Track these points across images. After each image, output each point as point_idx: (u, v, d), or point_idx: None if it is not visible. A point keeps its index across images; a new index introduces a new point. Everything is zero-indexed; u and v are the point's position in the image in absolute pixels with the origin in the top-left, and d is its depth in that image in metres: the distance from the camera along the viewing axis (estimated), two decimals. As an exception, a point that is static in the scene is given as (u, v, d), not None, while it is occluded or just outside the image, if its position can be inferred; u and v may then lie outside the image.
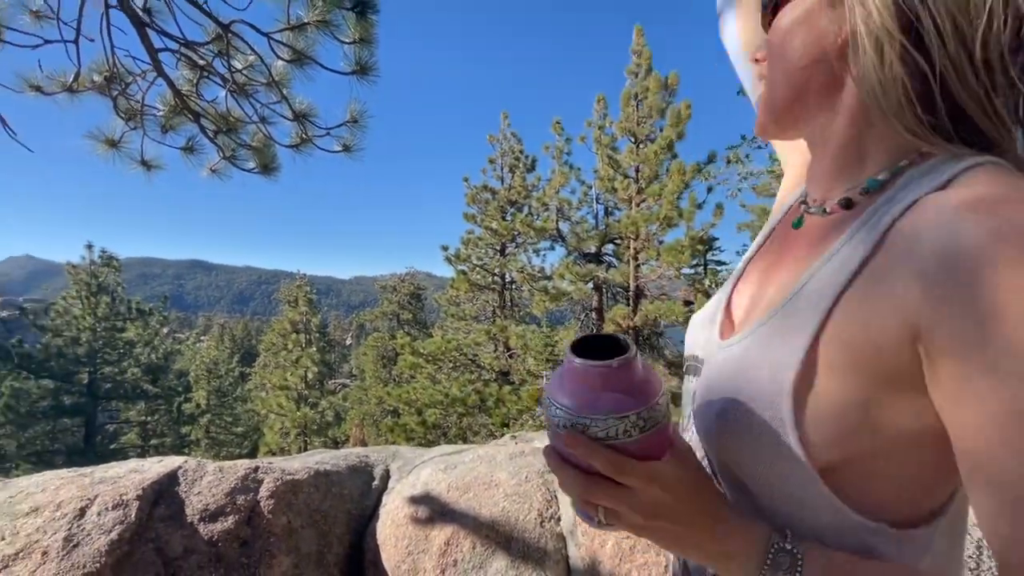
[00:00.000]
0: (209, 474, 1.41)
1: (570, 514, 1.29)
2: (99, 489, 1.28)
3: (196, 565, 1.22)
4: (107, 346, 13.09)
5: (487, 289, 12.51)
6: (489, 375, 12.32)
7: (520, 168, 11.99)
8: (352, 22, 3.24)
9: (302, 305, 13.08)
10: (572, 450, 0.40)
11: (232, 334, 31.18)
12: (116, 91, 3.38)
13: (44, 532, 1.18)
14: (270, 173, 3.93)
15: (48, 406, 12.52)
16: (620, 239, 11.21)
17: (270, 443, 12.73)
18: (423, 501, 1.39)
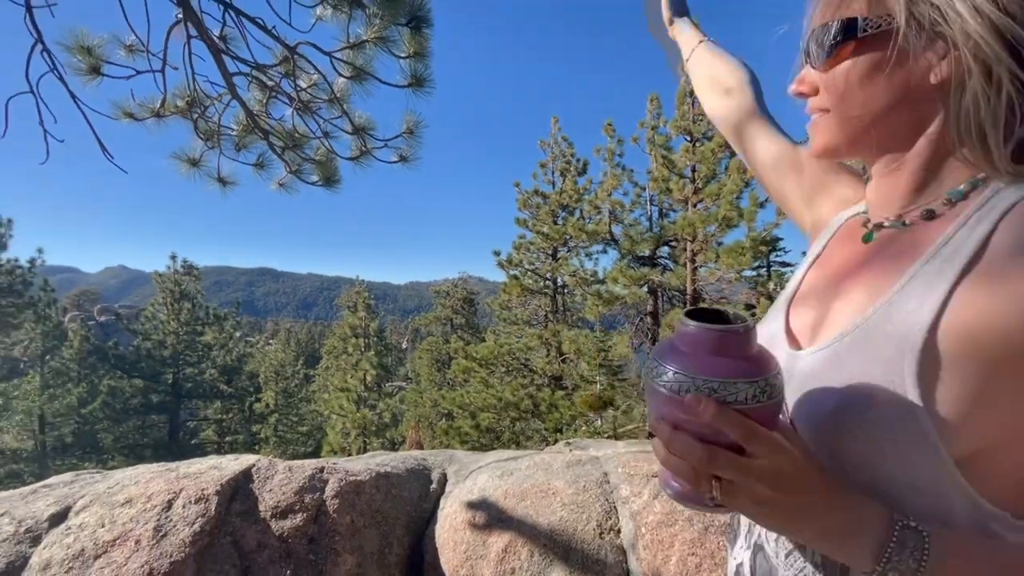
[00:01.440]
0: (280, 473, 1.48)
1: (631, 527, 1.25)
2: (183, 484, 1.38)
3: (268, 559, 1.29)
4: (188, 349, 14.19)
5: (539, 293, 12.50)
6: (542, 380, 12.28)
7: (571, 172, 11.92)
8: (407, 37, 3.34)
9: (361, 310, 13.62)
10: (694, 416, 0.38)
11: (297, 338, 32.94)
12: (196, 114, 3.65)
13: (137, 522, 1.29)
14: (332, 185, 4.13)
15: (138, 403, 13.73)
16: (676, 241, 10.87)
17: (332, 442, 13.30)
18: (480, 507, 1.39)
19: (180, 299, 14.03)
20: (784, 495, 0.39)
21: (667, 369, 0.40)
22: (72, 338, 13.43)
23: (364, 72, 3.41)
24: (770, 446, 0.39)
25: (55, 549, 1.25)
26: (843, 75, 0.50)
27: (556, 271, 12.31)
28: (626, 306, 11.12)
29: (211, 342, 14.31)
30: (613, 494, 1.33)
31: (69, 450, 12.85)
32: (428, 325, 19.49)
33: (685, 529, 1.16)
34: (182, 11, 2.98)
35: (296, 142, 3.86)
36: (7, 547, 1.27)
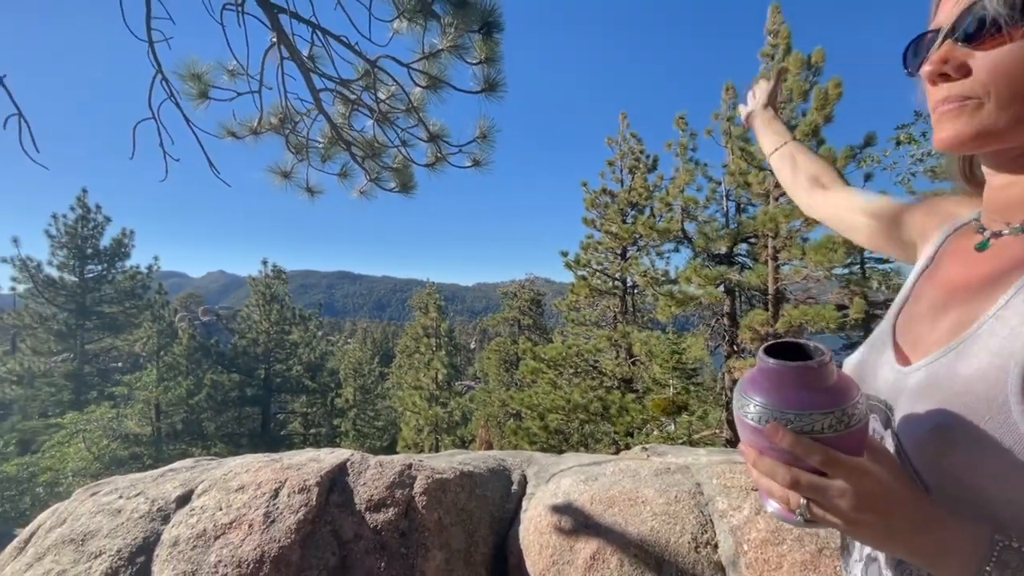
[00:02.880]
0: (372, 467, 1.55)
1: (730, 542, 1.18)
2: (288, 474, 1.49)
3: (364, 550, 1.35)
4: (277, 347, 15.35)
5: (608, 294, 12.27)
6: (611, 382, 12.04)
7: (641, 169, 11.59)
8: (479, 43, 3.39)
9: (432, 311, 14.06)
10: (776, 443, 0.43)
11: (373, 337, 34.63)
12: (287, 130, 3.93)
13: (249, 507, 1.40)
14: (408, 191, 4.28)
15: (236, 396, 15.04)
16: (755, 238, 10.25)
17: (406, 438, 13.83)
18: (566, 511, 1.38)
19: (270, 301, 15.21)
20: (870, 515, 0.42)
21: (750, 401, 0.45)
22: (181, 336, 14.96)
23: (439, 80, 3.51)
24: (849, 469, 0.42)
25: (182, 528, 1.39)
26: (1006, 62, 0.46)
27: (625, 271, 12.02)
28: (701, 307, 10.63)
29: (297, 341, 15.39)
30: (708, 506, 1.26)
31: (180, 436, 14.33)
32: (496, 326, 19.76)
33: (795, 549, 1.08)
34: (276, 35, 3.21)
35: (375, 151, 4.05)
36: (143, 523, 1.43)
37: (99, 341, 15.79)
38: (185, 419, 14.44)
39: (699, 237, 10.19)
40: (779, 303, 9.60)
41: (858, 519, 0.42)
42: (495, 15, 3.36)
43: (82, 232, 15.02)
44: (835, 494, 0.42)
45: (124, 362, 16.92)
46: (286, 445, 15.37)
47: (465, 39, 3.42)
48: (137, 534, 1.40)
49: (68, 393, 14.75)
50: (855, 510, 0.41)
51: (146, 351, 15.34)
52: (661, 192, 11.46)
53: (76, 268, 15.11)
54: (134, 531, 1.41)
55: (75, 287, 15.09)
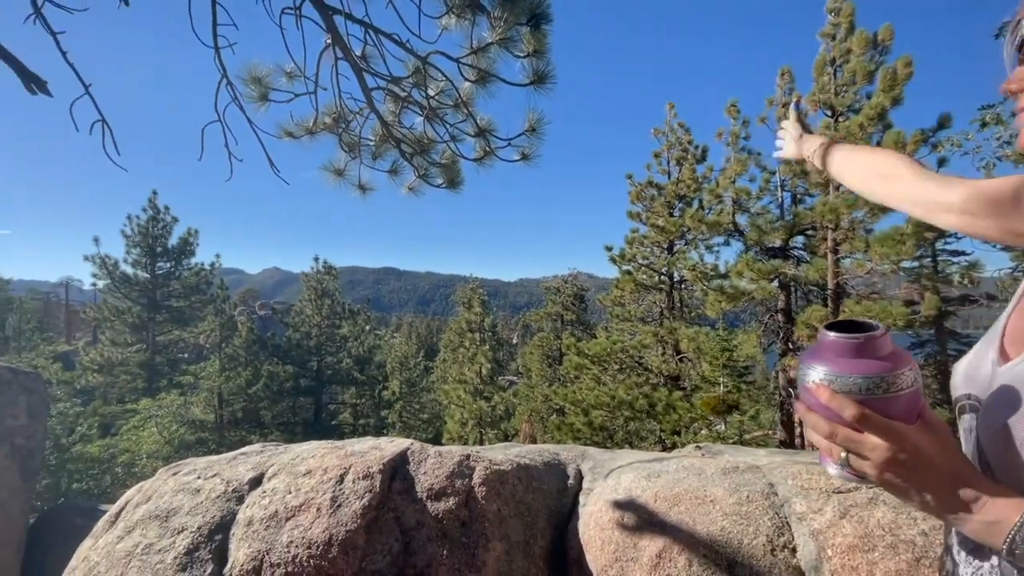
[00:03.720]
0: (431, 457, 1.57)
1: (812, 547, 1.11)
2: (352, 460, 1.53)
3: (426, 538, 1.37)
4: (328, 340, 15.95)
5: (654, 289, 11.99)
6: (657, 379, 11.78)
7: (689, 160, 11.23)
8: (527, 36, 3.36)
9: (476, 307, 14.20)
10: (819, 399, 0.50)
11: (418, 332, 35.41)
12: (341, 129, 4.04)
13: (316, 491, 1.45)
14: (455, 187, 4.32)
15: (290, 386, 15.74)
16: (813, 230, 9.74)
17: (451, 431, 14.06)
18: (628, 507, 1.35)
19: (322, 296, 15.80)
20: (899, 471, 0.47)
21: (807, 366, 0.54)
22: (241, 329, 15.79)
23: (488, 74, 3.50)
24: (879, 427, 0.47)
25: (255, 509, 1.46)
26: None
27: (672, 265, 11.70)
28: (753, 302, 10.21)
29: (347, 334, 15.93)
30: (784, 508, 1.19)
31: (240, 424, 15.15)
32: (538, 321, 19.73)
33: (888, 557, 1.00)
34: (330, 36, 3.29)
35: (424, 147, 4.10)
36: (220, 503, 1.52)
37: (168, 333, 16.91)
38: (245, 407, 15.25)
39: (752, 230, 9.77)
40: (839, 299, 9.08)
41: (887, 474, 0.47)
42: (543, 6, 3.32)
43: (153, 232, 16.10)
44: (867, 448, 0.47)
45: (190, 353, 18.04)
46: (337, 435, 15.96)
47: (513, 32, 3.40)
48: (215, 513, 1.48)
49: (142, 381, 15.90)
50: (884, 465, 0.47)
51: (209, 343, 16.31)
52: (711, 183, 11.06)
53: (148, 265, 16.23)
54: (212, 510, 1.49)
55: (147, 283, 16.21)
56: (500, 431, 13.94)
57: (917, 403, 0.50)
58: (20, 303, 17.98)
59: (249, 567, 1.32)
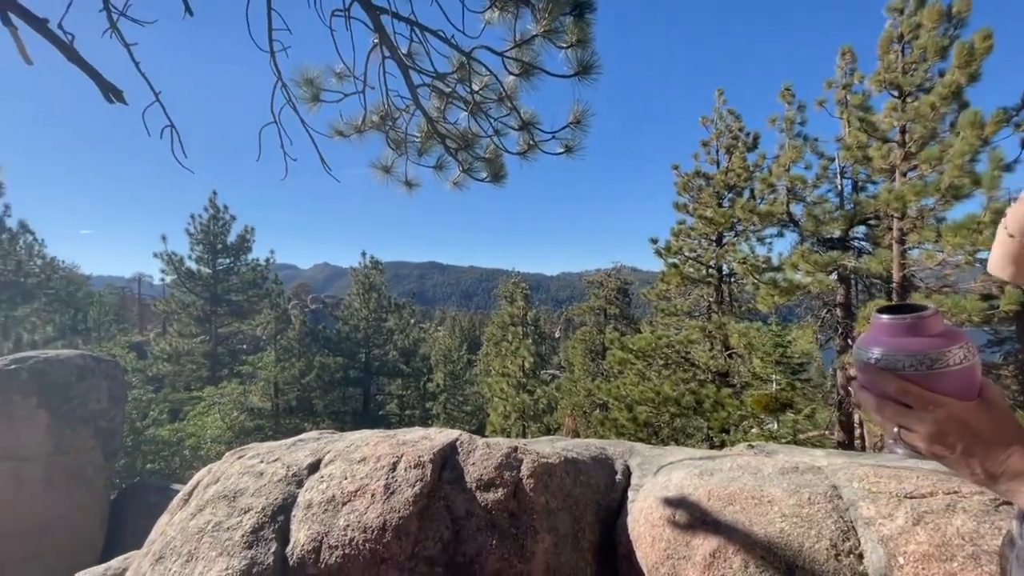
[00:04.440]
0: (480, 448, 1.60)
1: (881, 553, 1.05)
2: (403, 449, 1.58)
3: (475, 527, 1.40)
4: (376, 333, 16.43)
5: (701, 283, 11.63)
6: (704, 375, 11.45)
7: (739, 147, 10.78)
8: (570, 26, 3.31)
9: (519, 300, 14.24)
10: (865, 376, 0.53)
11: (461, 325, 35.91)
12: (388, 126, 4.12)
13: (371, 478, 1.51)
14: (499, 181, 4.33)
15: (340, 377, 16.35)
16: (876, 219, 9.15)
17: (494, 423, 14.21)
18: (680, 505, 1.32)
19: (369, 290, 16.28)
20: (949, 441, 0.48)
21: (858, 347, 0.56)
22: (294, 322, 16.51)
23: (531, 66, 3.48)
24: (923, 400, 0.49)
25: (314, 493, 1.53)
26: None
27: (721, 258, 11.30)
28: (809, 296, 9.71)
29: (393, 327, 16.36)
30: (850, 512, 1.13)
31: (294, 412, 15.89)
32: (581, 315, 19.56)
33: (968, 568, 0.93)
34: (378, 35, 3.36)
35: (468, 143, 4.13)
36: (281, 486, 1.60)
37: (228, 325, 17.92)
38: (298, 396, 15.97)
39: (807, 220, 9.29)
40: (906, 292, 8.50)
41: (935, 446, 0.49)
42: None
43: (213, 229, 17.06)
44: (914, 421, 0.49)
45: (248, 344, 19.05)
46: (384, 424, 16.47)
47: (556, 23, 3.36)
48: (277, 495, 1.56)
49: (205, 370, 16.94)
50: (932, 438, 0.48)
51: (265, 335, 17.16)
52: (763, 172, 10.58)
53: (209, 261, 17.23)
54: (274, 492, 1.58)
55: (209, 278, 17.22)
56: (542, 425, 13.96)
57: (973, 381, 0.51)
58: (99, 297, 19.51)
59: (309, 547, 1.39)
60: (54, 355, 5.00)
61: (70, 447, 4.84)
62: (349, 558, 1.34)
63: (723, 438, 9.59)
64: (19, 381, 4.65)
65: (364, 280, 16.21)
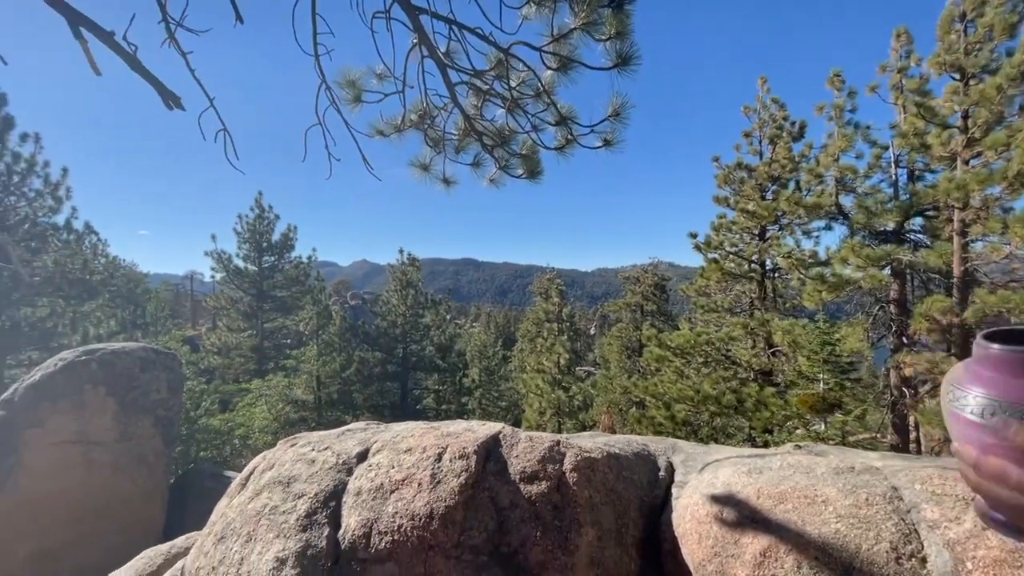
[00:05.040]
0: (522, 441, 1.62)
1: (947, 558, 1.00)
2: (448, 441, 1.61)
3: (520, 518, 1.42)
4: (413, 329, 16.75)
5: (743, 278, 11.29)
6: (746, 373, 11.12)
7: (784, 137, 10.38)
8: (608, 17, 3.27)
9: (554, 297, 14.21)
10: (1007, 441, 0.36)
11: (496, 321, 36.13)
12: (426, 125, 4.19)
13: (417, 468, 1.55)
14: (535, 177, 4.33)
15: (379, 372, 16.75)
16: (935, 210, 8.64)
17: (529, 420, 14.24)
18: (728, 503, 1.29)
19: (406, 287, 16.60)
20: None
21: (967, 393, 0.40)
22: (335, 318, 17.02)
23: (570, 60, 3.46)
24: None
25: (363, 480, 1.59)
26: None
27: (764, 252, 10.92)
28: (859, 292, 9.27)
29: (429, 323, 16.63)
30: (911, 514, 1.09)
31: (335, 405, 16.41)
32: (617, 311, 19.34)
33: (1047, 576, 0.88)
34: (417, 35, 3.42)
35: (505, 139, 4.15)
36: (332, 473, 1.67)
37: (273, 321, 18.66)
38: (339, 390, 16.47)
39: (858, 212, 8.86)
40: (967, 287, 7.99)
41: None
42: (626, -15, 3.22)
43: (259, 228, 17.77)
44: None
45: (292, 339, 19.77)
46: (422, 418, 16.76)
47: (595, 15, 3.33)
48: (328, 482, 1.63)
49: (253, 363, 17.71)
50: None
51: (308, 330, 17.77)
52: (809, 163, 10.15)
53: (255, 259, 17.97)
54: (326, 479, 1.65)
55: (255, 275, 17.97)
56: (578, 421, 13.91)
57: None
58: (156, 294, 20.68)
59: (360, 533, 1.45)
60: (120, 347, 5.35)
61: (134, 434, 5.18)
62: (398, 544, 1.39)
63: (766, 438, 9.30)
64: (90, 371, 5.01)
65: (401, 277, 16.53)
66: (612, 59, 3.37)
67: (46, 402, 4.84)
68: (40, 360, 9.85)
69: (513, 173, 4.43)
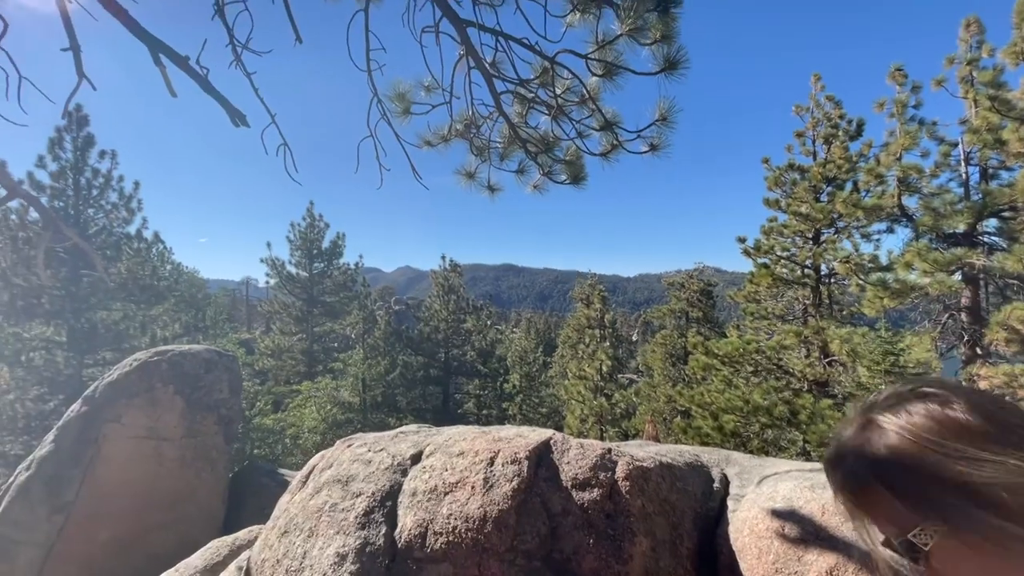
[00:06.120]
0: (573, 448, 1.62)
1: None
2: (499, 446, 1.64)
3: (572, 525, 1.42)
4: (454, 334, 16.98)
5: (796, 284, 10.80)
6: (800, 384, 10.61)
7: (840, 136, 9.90)
8: (654, 22, 3.24)
9: (596, 303, 14.07)
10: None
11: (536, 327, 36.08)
12: (472, 134, 4.27)
13: (470, 471, 1.59)
14: (579, 183, 4.33)
15: (422, 376, 17.08)
16: (1012, 210, 8.00)
17: (571, 426, 14.11)
18: (789, 518, 1.25)
19: (448, 292, 16.87)
20: None
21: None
22: (380, 323, 17.49)
23: (615, 66, 3.45)
24: None
25: (417, 482, 1.64)
26: None
27: (819, 257, 10.42)
28: (926, 298, 8.69)
29: (471, 329, 16.81)
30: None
31: (379, 407, 16.84)
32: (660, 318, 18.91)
33: None
34: (464, 47, 3.49)
35: (549, 146, 4.17)
36: (388, 474, 1.73)
37: (322, 325, 19.36)
38: (383, 393, 16.90)
39: (924, 213, 8.33)
40: (1051, 294, 7.35)
41: None
42: (673, -12, 3.18)
43: (310, 236, 18.53)
44: None
45: (340, 343, 20.44)
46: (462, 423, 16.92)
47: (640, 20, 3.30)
48: (384, 482, 1.69)
49: (303, 366, 18.42)
50: None
51: (354, 334, 18.34)
52: (868, 162, 9.63)
53: (306, 265, 18.74)
54: (382, 480, 1.70)
55: (306, 281, 18.73)
56: (620, 429, 13.66)
57: None
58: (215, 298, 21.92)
59: (416, 532, 1.49)
60: (187, 349, 5.72)
61: (199, 431, 5.52)
62: (453, 545, 1.42)
63: (821, 452, 8.83)
64: (160, 371, 5.38)
65: (444, 283, 16.82)
66: (659, 64, 3.34)
67: (123, 399, 5.23)
68: (113, 360, 10.66)
69: (557, 179, 4.44)
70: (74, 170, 10.92)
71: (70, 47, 2.21)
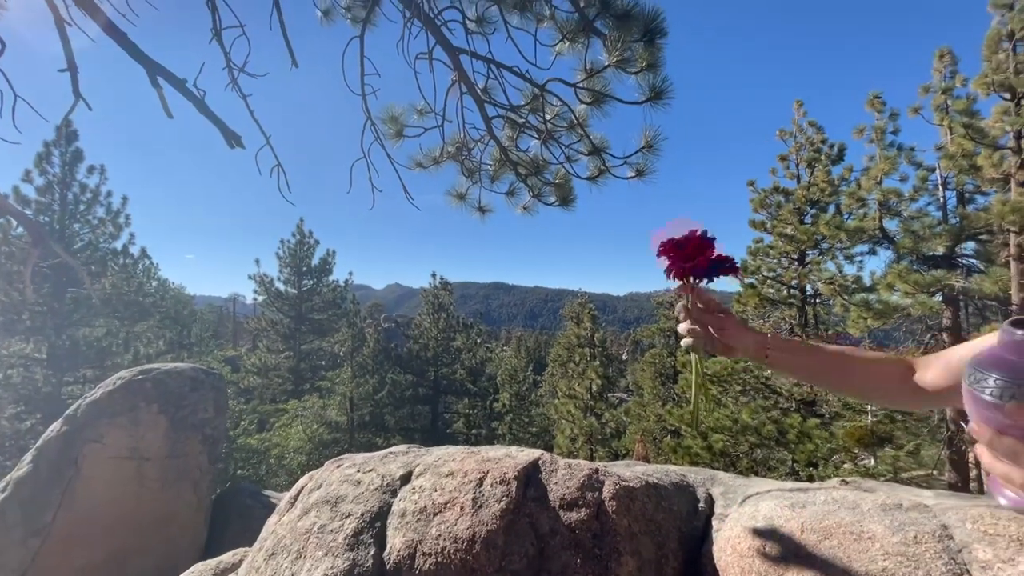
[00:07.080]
0: (561, 467, 1.65)
1: (1003, 601, 0.98)
2: (488, 466, 1.66)
3: (560, 545, 1.44)
4: (444, 352, 16.91)
5: (782, 304, 10.98)
6: (788, 403, 10.71)
7: (822, 160, 10.20)
8: (640, 52, 3.37)
9: (586, 322, 14.14)
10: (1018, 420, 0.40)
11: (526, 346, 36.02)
12: (463, 156, 4.35)
13: (459, 491, 1.60)
14: (568, 204, 4.42)
15: (410, 395, 16.91)
16: (989, 233, 8.27)
17: (561, 446, 14.03)
18: (769, 536, 1.29)
19: (438, 310, 16.84)
20: None
21: (989, 375, 0.43)
22: (368, 340, 17.37)
23: (603, 95, 3.57)
24: None
25: (407, 502, 1.65)
26: None
27: (804, 278, 10.62)
28: (908, 319, 8.87)
29: (460, 347, 16.76)
30: (962, 554, 1.06)
31: (367, 427, 16.61)
32: (650, 337, 19.01)
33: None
34: (457, 73, 3.60)
35: (539, 169, 4.27)
36: (377, 495, 1.74)
37: (310, 343, 19.17)
38: (371, 412, 16.68)
39: (905, 236, 8.57)
40: (1028, 315, 7.56)
41: None
42: (658, 21, 3.32)
43: (299, 253, 18.48)
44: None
45: (327, 361, 20.21)
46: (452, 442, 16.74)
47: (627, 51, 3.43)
48: (373, 503, 1.70)
49: (290, 384, 18.17)
50: None
51: (343, 352, 18.17)
52: (849, 186, 9.91)
53: (295, 282, 18.64)
54: (371, 500, 1.71)
55: (295, 298, 18.60)
56: (610, 449, 13.62)
57: None
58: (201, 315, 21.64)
59: (405, 553, 1.50)
60: (172, 367, 5.65)
61: (182, 451, 5.42)
62: (441, 566, 1.43)
63: (810, 472, 8.88)
64: (144, 390, 5.30)
65: (433, 300, 16.81)
66: (645, 93, 3.46)
67: (105, 418, 5.13)
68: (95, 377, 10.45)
69: (546, 201, 4.54)
70: (61, 185, 10.85)
71: (67, 68, 2.25)
